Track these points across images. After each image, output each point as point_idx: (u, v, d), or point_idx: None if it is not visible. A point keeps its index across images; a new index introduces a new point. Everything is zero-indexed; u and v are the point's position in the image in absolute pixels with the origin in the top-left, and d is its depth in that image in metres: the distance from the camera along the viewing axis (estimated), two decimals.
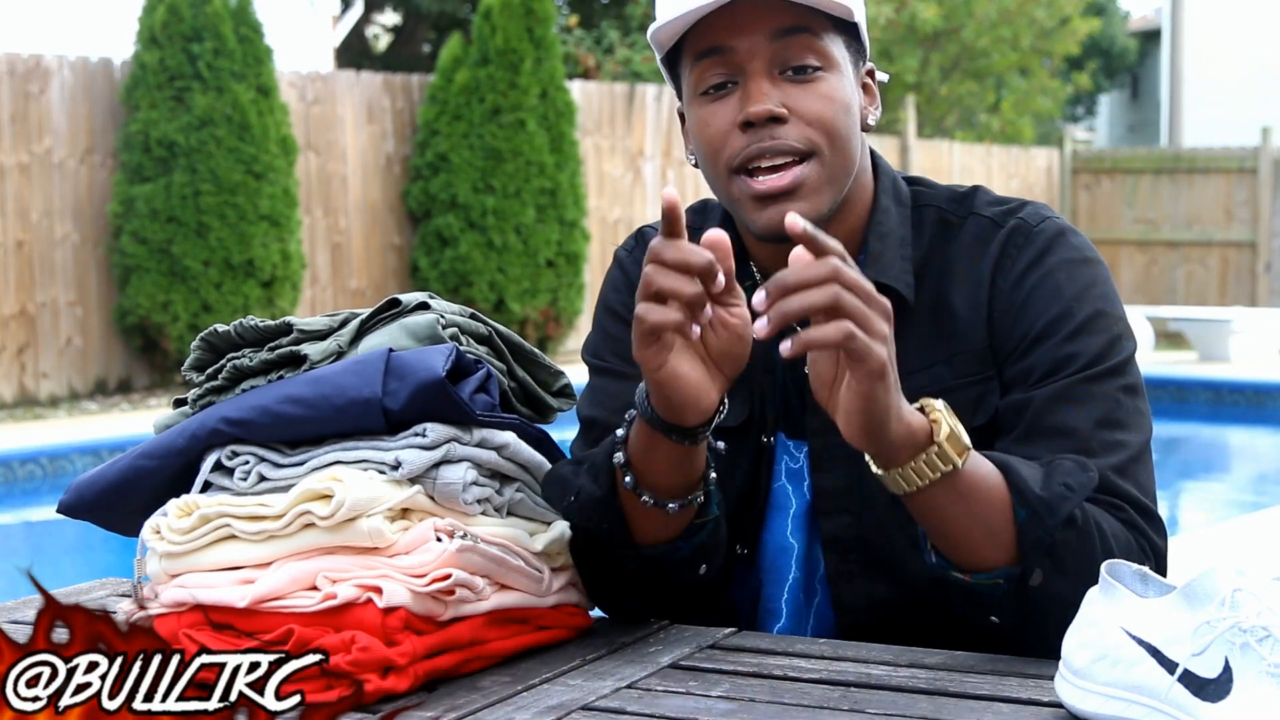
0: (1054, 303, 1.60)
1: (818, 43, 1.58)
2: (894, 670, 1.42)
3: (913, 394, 1.47)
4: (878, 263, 1.63)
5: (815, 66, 1.58)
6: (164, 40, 9.67)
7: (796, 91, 1.58)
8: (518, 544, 1.48)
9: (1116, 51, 27.61)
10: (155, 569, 1.47)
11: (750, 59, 1.57)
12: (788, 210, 1.47)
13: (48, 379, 9.76)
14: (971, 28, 17.45)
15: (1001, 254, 1.63)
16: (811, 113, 1.57)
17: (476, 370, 1.50)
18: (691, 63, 1.61)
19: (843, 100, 1.59)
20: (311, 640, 1.36)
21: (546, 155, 11.21)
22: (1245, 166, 15.49)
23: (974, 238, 1.65)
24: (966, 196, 1.70)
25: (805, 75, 1.58)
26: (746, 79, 1.58)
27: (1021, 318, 1.60)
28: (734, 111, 1.58)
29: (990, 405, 1.61)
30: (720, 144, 1.59)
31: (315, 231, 10.94)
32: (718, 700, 1.34)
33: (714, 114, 1.60)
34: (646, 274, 1.38)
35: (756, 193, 1.57)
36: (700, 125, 1.61)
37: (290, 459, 1.46)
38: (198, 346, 1.56)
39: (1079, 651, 1.27)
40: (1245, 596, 1.19)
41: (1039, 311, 1.60)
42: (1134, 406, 1.58)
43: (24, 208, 9.55)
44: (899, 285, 1.62)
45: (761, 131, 1.57)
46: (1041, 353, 1.58)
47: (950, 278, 1.65)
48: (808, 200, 1.57)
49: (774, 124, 1.57)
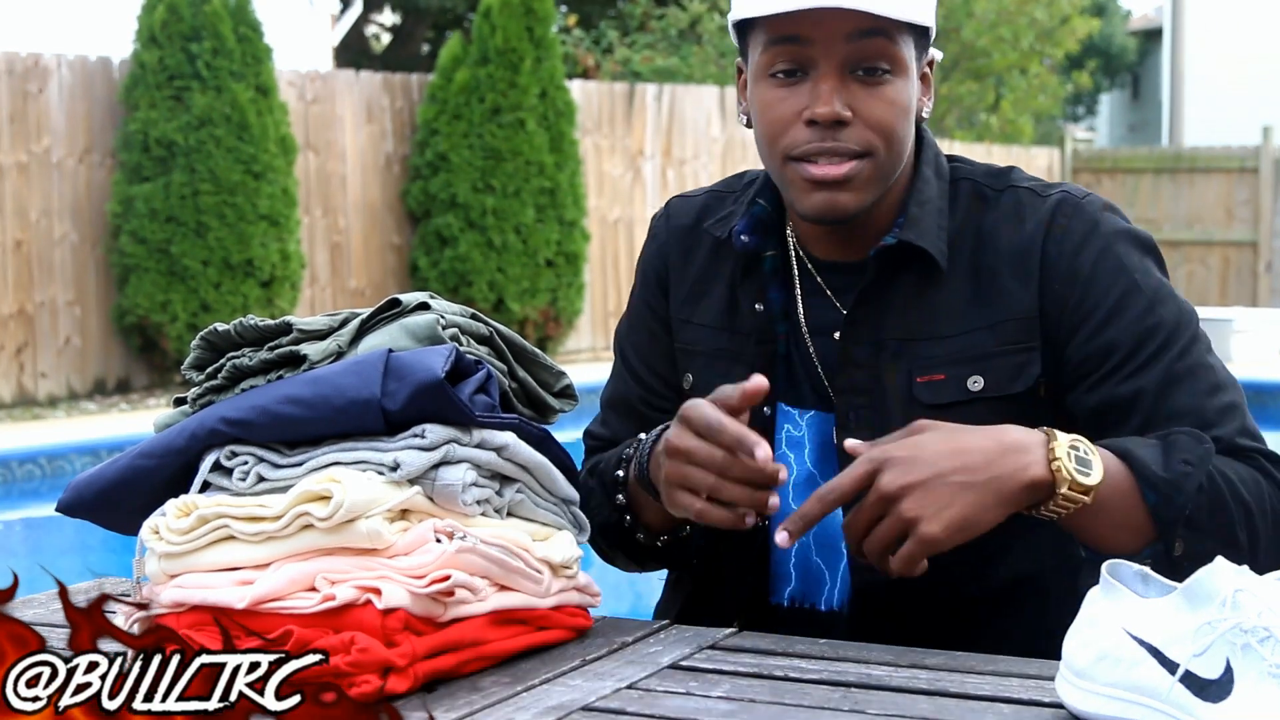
0: (1120, 276, 1.65)
1: (891, 47, 1.62)
2: (894, 670, 1.42)
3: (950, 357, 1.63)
4: (916, 226, 1.68)
5: (885, 70, 1.63)
6: (163, 39, 9.67)
7: (863, 93, 1.62)
8: (518, 545, 1.48)
9: (1116, 51, 27.61)
10: (154, 569, 1.47)
11: (825, 56, 1.62)
12: (838, 199, 1.62)
13: (46, 379, 9.76)
14: (971, 27, 17.44)
15: (1051, 222, 1.68)
16: (874, 117, 1.63)
17: (476, 371, 1.50)
18: (766, 43, 1.65)
19: (904, 104, 1.65)
20: (311, 641, 1.36)
21: (546, 155, 11.20)
22: (1246, 166, 15.49)
23: (1013, 208, 1.70)
24: (1003, 173, 1.76)
25: (874, 78, 1.63)
26: (818, 76, 1.62)
27: (1090, 290, 1.65)
28: (800, 103, 1.63)
29: (1031, 374, 1.66)
30: (781, 131, 1.65)
31: (314, 231, 10.93)
32: (718, 701, 1.34)
33: (780, 100, 1.65)
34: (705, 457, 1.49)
35: (812, 177, 1.63)
36: (764, 106, 1.66)
37: (289, 459, 1.46)
38: (197, 346, 1.56)
39: (1080, 652, 1.27)
40: (1246, 597, 1.19)
41: (1107, 286, 1.65)
42: (1221, 365, 1.66)
43: (22, 207, 9.55)
44: (933, 249, 1.68)
45: (824, 132, 1.62)
46: (1121, 328, 1.64)
47: (990, 247, 1.69)
48: (856, 193, 1.64)
49: (837, 126, 1.62)
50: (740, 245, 1.74)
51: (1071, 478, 1.48)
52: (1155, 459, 1.53)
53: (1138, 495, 1.52)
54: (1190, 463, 1.53)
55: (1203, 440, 1.55)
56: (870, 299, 1.69)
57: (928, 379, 1.67)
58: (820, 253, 1.75)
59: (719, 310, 1.78)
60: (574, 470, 1.59)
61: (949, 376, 1.67)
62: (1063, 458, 1.48)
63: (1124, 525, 1.53)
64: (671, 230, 1.85)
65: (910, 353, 1.68)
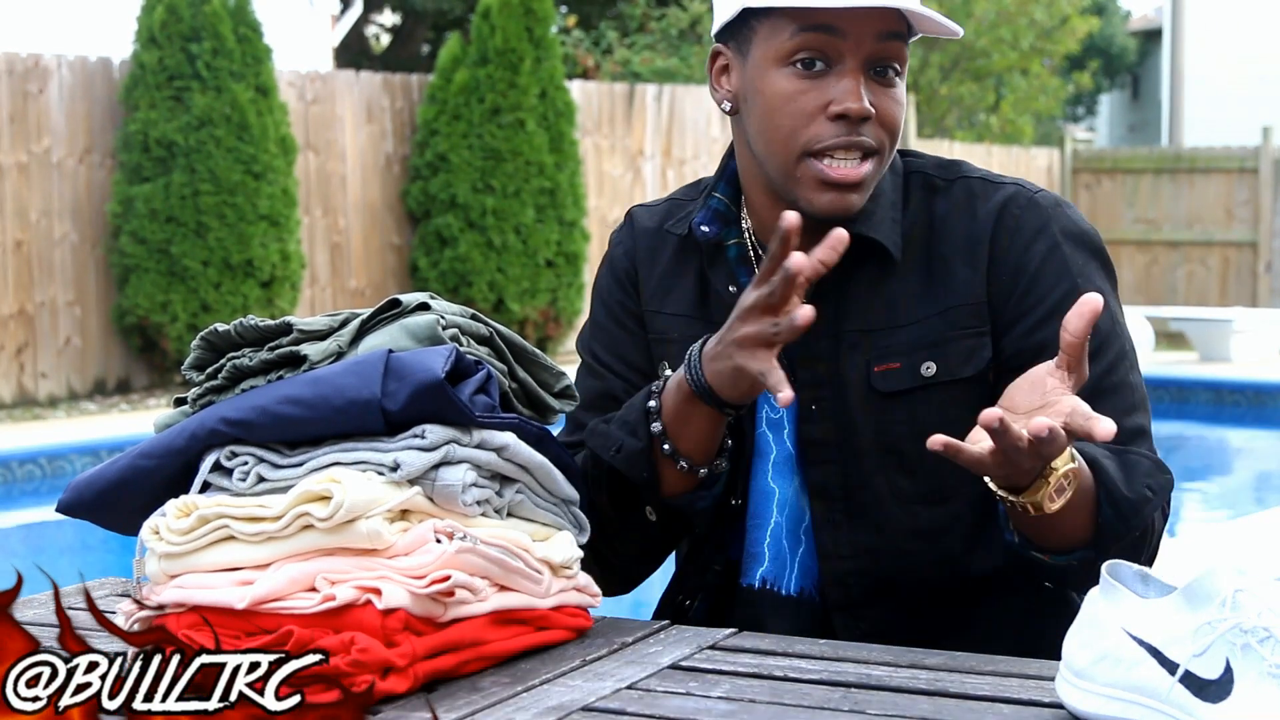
0: (1063, 279, 1.68)
1: (904, 50, 1.68)
2: (894, 671, 1.42)
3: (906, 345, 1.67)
4: (869, 220, 1.71)
5: (896, 71, 1.67)
6: (163, 40, 9.67)
7: (880, 91, 1.66)
8: (518, 545, 1.48)
9: (1116, 51, 27.61)
10: (154, 569, 1.47)
11: (854, 52, 1.64)
12: (849, 199, 1.65)
13: (46, 379, 9.76)
14: (970, 28, 17.44)
15: (1003, 212, 1.71)
16: (889, 115, 1.67)
17: (476, 371, 1.50)
18: (795, 29, 1.64)
19: (904, 104, 1.70)
20: (311, 641, 1.36)
21: (546, 155, 11.21)
22: (1246, 166, 15.48)
23: (965, 198, 1.74)
24: (952, 164, 1.80)
25: (886, 78, 1.67)
26: (845, 70, 1.64)
27: (1033, 287, 1.68)
28: (824, 97, 1.64)
29: (982, 358, 1.69)
30: (801, 125, 1.65)
31: (314, 231, 10.93)
32: (718, 701, 1.34)
33: (802, 92, 1.65)
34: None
35: (829, 178, 1.65)
36: (783, 97, 1.65)
37: (289, 460, 1.46)
38: (198, 346, 1.56)
39: (1080, 652, 1.27)
40: (1246, 597, 1.19)
41: (1050, 286, 1.67)
42: (1141, 385, 1.70)
43: (23, 207, 9.55)
44: (888, 243, 1.71)
45: (850, 126, 1.64)
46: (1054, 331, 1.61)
47: (942, 235, 1.73)
48: (863, 194, 1.68)
49: (863, 122, 1.65)
50: (701, 235, 1.77)
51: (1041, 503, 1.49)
52: (1120, 478, 1.56)
53: (1094, 503, 1.55)
54: (1153, 490, 1.57)
55: (1164, 470, 1.60)
56: (828, 293, 1.71)
57: (884, 368, 1.70)
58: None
59: (690, 300, 1.80)
60: (574, 470, 1.59)
61: (904, 365, 1.70)
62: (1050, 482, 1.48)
63: (1075, 523, 1.55)
64: (637, 233, 1.87)
65: (868, 343, 1.71)
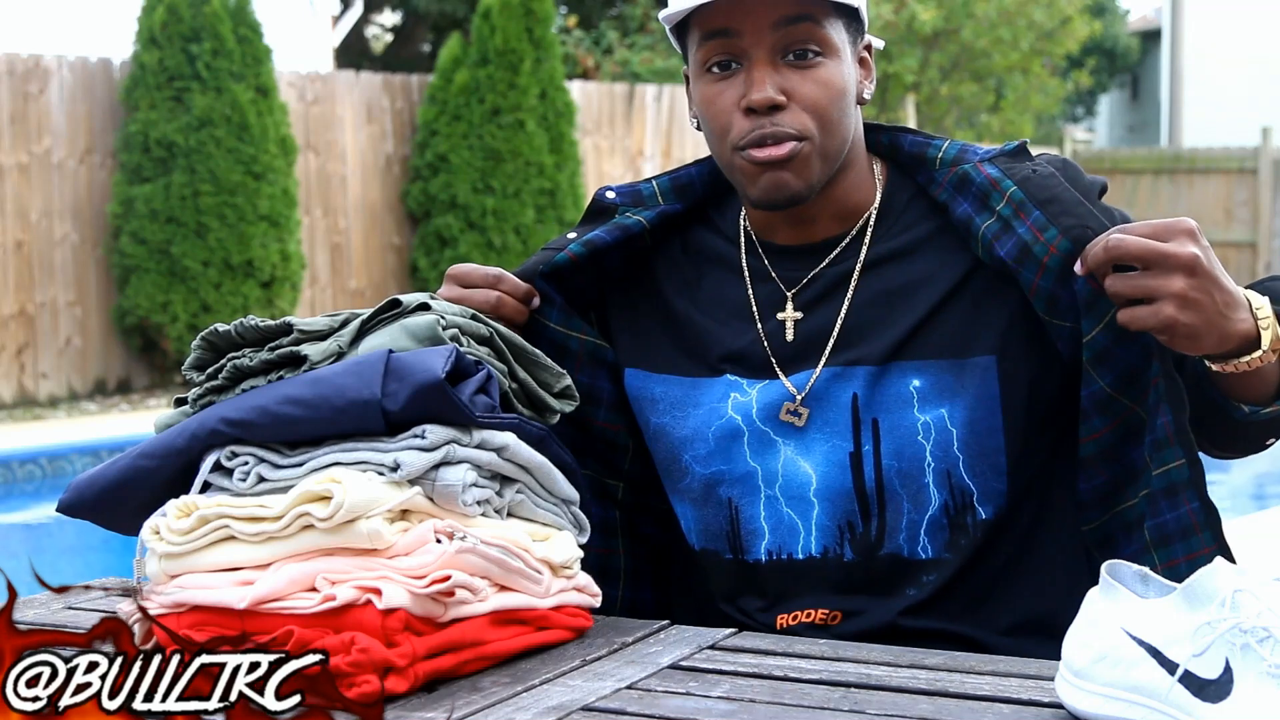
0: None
1: (819, 30, 1.69)
2: (894, 671, 1.42)
3: None
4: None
5: (815, 52, 1.70)
6: (163, 40, 9.67)
7: (796, 77, 1.69)
8: (518, 545, 1.48)
9: (1117, 51, 27.61)
10: (155, 569, 1.47)
11: (754, 45, 1.69)
12: (782, 178, 1.69)
13: (47, 379, 9.76)
14: (970, 28, 17.43)
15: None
16: (809, 100, 1.69)
17: (477, 371, 1.50)
18: (698, 40, 1.72)
19: (839, 86, 1.71)
20: (311, 641, 1.36)
21: (546, 155, 11.21)
22: (1245, 167, 15.49)
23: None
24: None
25: (805, 61, 1.70)
26: (750, 64, 1.69)
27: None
28: (737, 94, 1.70)
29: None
30: (725, 123, 1.71)
31: (315, 232, 10.94)
32: (718, 701, 1.34)
33: (719, 94, 1.72)
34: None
35: (755, 160, 1.70)
36: (705, 102, 1.74)
37: (290, 460, 1.46)
38: (198, 346, 1.56)
39: (1079, 652, 1.27)
40: (1246, 597, 1.19)
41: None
42: None
43: (23, 208, 9.55)
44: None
45: (762, 118, 1.69)
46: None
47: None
48: (799, 173, 1.70)
49: (774, 111, 1.69)
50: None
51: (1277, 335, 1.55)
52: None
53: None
54: None
55: None
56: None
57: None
58: (780, 239, 1.81)
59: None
60: (574, 470, 1.59)
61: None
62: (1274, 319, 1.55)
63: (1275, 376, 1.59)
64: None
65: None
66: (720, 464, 1.78)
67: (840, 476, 1.73)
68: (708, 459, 1.78)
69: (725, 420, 1.77)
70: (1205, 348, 1.54)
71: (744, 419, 1.77)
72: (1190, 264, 1.50)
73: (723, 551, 1.80)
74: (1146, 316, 1.53)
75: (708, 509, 1.80)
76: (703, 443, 1.78)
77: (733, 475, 1.77)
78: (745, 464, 1.77)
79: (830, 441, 1.74)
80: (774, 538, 1.77)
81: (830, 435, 1.74)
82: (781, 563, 1.77)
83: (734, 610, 1.79)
